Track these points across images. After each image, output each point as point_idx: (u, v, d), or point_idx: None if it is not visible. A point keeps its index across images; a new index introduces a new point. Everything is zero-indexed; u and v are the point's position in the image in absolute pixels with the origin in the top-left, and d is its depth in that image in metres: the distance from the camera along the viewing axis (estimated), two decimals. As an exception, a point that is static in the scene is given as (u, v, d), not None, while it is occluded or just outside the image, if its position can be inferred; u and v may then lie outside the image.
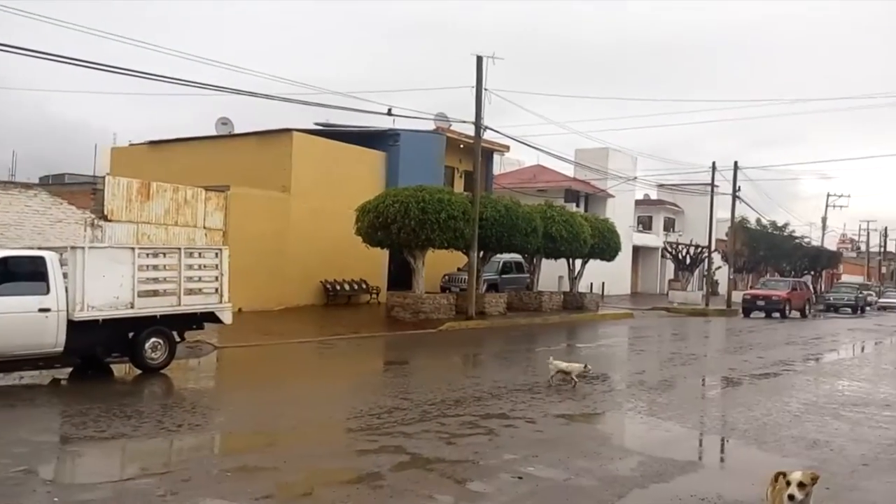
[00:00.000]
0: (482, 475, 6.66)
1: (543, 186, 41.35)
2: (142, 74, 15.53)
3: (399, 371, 13.99)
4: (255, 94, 18.22)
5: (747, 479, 6.51)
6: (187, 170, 23.97)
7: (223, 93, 17.64)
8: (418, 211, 20.97)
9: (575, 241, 27.06)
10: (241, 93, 17.88)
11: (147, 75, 15.61)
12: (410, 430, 8.14)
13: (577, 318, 27.12)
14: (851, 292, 44.45)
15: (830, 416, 9.78)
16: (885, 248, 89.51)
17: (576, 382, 11.34)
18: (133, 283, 11.33)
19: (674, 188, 49.86)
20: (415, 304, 21.96)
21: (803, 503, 4.38)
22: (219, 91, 17.35)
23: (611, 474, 6.77)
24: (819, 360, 17.33)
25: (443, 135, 29.23)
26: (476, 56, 22.23)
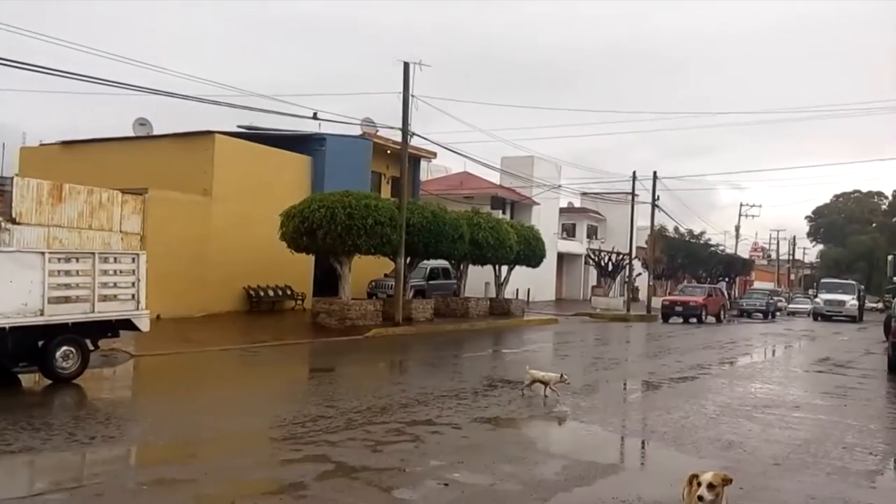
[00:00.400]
0: (408, 482, 6.62)
1: (470, 193, 41.66)
2: (54, 72, 14.84)
3: (324, 379, 13.80)
4: (174, 94, 17.73)
5: (666, 480, 6.67)
6: (103, 171, 23.13)
7: (141, 93, 17.07)
8: (345, 216, 20.79)
9: (501, 247, 27.34)
10: (159, 93, 17.36)
11: (60, 73, 14.92)
12: (335, 439, 8.03)
13: (504, 323, 27.38)
14: (763, 298, 46.45)
15: (744, 418, 10.15)
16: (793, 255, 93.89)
17: (547, 392, 11.18)
18: (43, 289, 10.80)
19: (596, 196, 51.07)
20: (341, 310, 21.74)
21: (714, 503, 4.51)
22: (136, 91, 16.79)
23: (535, 479, 6.83)
24: (733, 363, 17.98)
25: (369, 140, 29.11)
26: (403, 62, 22.24)
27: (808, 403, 11.93)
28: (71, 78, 15.18)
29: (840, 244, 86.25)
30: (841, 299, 43.38)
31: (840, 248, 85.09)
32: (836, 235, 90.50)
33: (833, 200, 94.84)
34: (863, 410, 11.42)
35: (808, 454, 8.16)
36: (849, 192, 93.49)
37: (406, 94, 22.35)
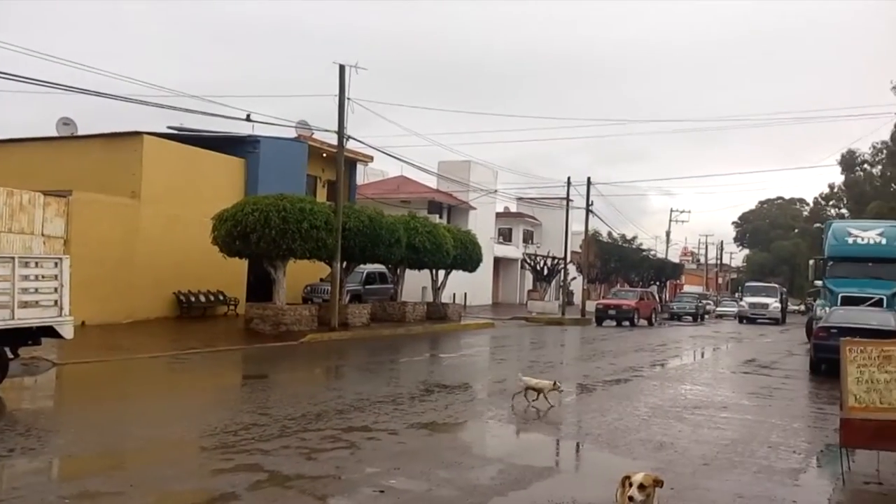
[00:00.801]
0: (343, 490, 6.53)
1: (407, 197, 41.62)
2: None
3: (258, 385, 13.51)
4: (100, 93, 17.14)
5: (600, 481, 6.75)
6: (24, 173, 22.26)
7: (66, 91, 16.44)
8: (279, 220, 20.46)
9: (438, 252, 27.35)
10: (85, 92, 16.75)
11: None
12: (269, 447, 7.85)
13: (441, 328, 27.40)
14: (692, 301, 47.80)
15: (675, 419, 10.38)
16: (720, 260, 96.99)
17: (538, 398, 10.98)
18: (-43, 295, 10.27)
19: (532, 201, 51.69)
20: (275, 315, 21.37)
21: (645, 503, 4.58)
22: (59, 89, 16.16)
23: (471, 483, 6.82)
24: (664, 365, 18.40)
25: (305, 143, 28.76)
26: (339, 65, 22.07)
27: (735, 404, 12.29)
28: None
29: (765, 249, 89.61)
30: (765, 302, 44.56)
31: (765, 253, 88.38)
32: (761, 240, 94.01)
33: (758, 207, 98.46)
34: (786, 410, 11.82)
35: (736, 454, 8.39)
36: (773, 199, 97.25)
37: (342, 96, 22.18)
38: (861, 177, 53.76)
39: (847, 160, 53.84)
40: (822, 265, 24.84)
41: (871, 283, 22.64)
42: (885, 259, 23.74)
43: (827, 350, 14.25)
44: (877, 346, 7.55)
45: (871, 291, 22.09)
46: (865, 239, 24.48)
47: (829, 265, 24.43)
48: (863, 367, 7.38)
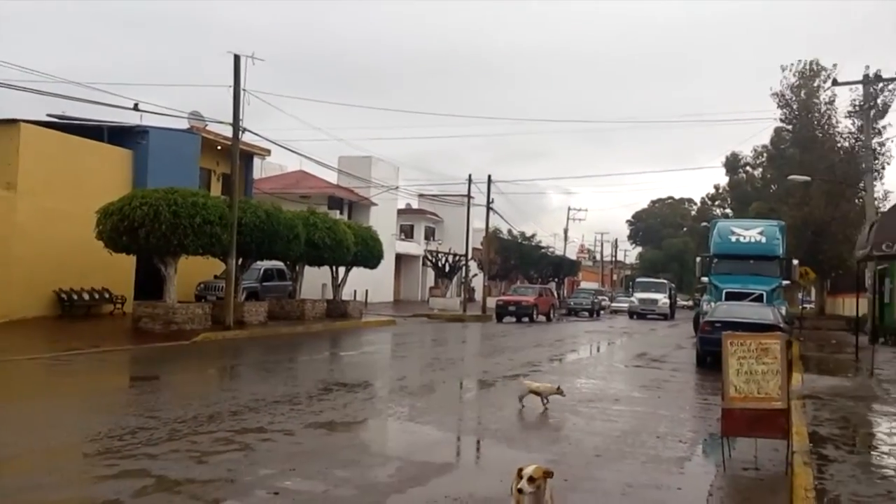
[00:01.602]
0: (236, 494, 6.30)
1: (306, 192, 40.97)
2: None
3: (146, 388, 12.92)
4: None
5: (497, 476, 6.81)
6: None
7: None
8: (170, 214, 19.69)
9: (338, 248, 27.06)
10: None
11: None
12: (157, 451, 7.50)
13: (341, 325, 27.10)
14: (589, 297, 49.22)
15: (570, 413, 10.61)
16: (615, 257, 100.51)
17: (546, 403, 10.67)
18: None
19: (434, 198, 51.94)
20: (166, 314, 20.54)
21: (535, 496, 4.63)
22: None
23: (369, 482, 6.73)
24: (562, 360, 18.84)
25: (198, 134, 27.77)
26: (234, 55, 21.43)
27: (627, 396, 12.70)
28: None
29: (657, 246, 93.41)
30: (654, 298, 45.93)
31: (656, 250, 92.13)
32: (652, 238, 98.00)
33: (650, 206, 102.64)
34: (674, 401, 12.32)
35: (626, 444, 8.65)
36: (664, 199, 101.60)
37: (237, 87, 21.56)
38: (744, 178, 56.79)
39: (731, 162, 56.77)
40: (708, 262, 26.14)
41: (752, 280, 23.98)
42: (765, 256, 25.21)
43: (711, 343, 14.94)
44: (755, 339, 7.95)
45: (752, 287, 23.39)
46: (747, 237, 25.92)
47: (715, 262, 25.73)
48: (742, 360, 7.75)
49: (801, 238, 38.28)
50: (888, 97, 34.80)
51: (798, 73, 41.37)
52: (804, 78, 41.25)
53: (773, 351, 7.75)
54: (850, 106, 35.65)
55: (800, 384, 13.39)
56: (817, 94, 40.76)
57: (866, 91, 29.37)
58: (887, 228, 12.99)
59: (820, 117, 40.90)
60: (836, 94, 39.79)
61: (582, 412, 10.72)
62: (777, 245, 25.71)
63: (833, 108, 40.17)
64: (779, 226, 27.16)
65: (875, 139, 32.15)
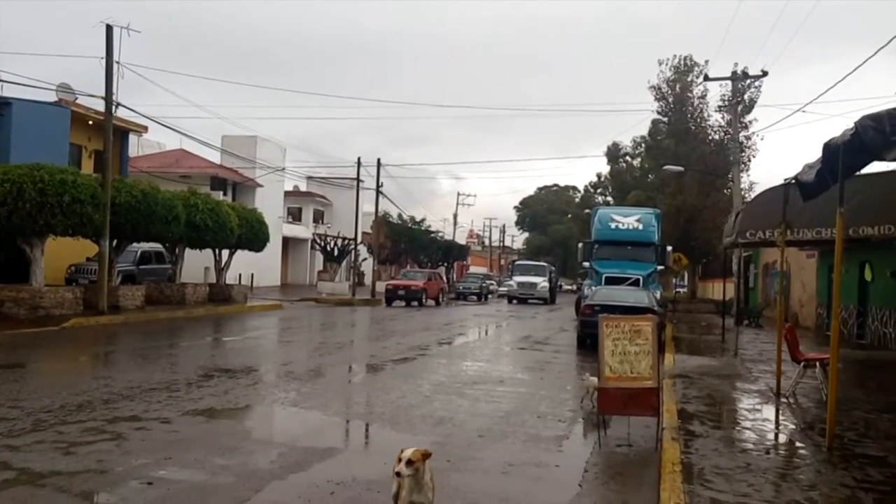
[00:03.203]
0: (106, 485, 6.01)
1: (187, 172, 39.41)
2: None
3: (9, 376, 12.06)
4: None
5: (381, 459, 6.82)
6: None
7: None
8: (35, 192, 18.49)
9: (221, 230, 26.26)
10: None
11: None
12: (19, 443, 7.05)
13: (225, 310, 26.33)
14: (477, 282, 49.91)
15: (455, 395, 10.76)
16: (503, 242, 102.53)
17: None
18: None
19: (322, 181, 51.23)
20: (32, 298, 19.31)
21: (415, 478, 4.68)
22: None
23: (249, 469, 6.59)
24: (450, 343, 19.05)
25: (67, 108, 26.09)
26: (105, 24, 20.27)
27: (511, 378, 13.01)
28: None
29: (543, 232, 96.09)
30: (533, 281, 44.12)
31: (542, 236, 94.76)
32: (539, 224, 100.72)
33: (537, 192, 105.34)
34: (556, 382, 12.72)
35: (509, 425, 8.87)
36: (549, 186, 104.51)
37: (109, 59, 20.43)
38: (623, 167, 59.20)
39: (612, 152, 59.02)
40: (590, 248, 27.10)
41: (630, 265, 25.07)
42: (641, 243, 26.40)
43: (591, 326, 15.48)
44: (629, 321, 8.32)
45: (630, 272, 24.45)
46: (626, 224, 27.04)
47: (596, 248, 26.70)
48: (617, 341, 8.10)
49: (675, 225, 40.37)
50: (754, 93, 37.12)
51: (673, 67, 43.44)
52: (679, 72, 43.35)
53: (646, 332, 8.14)
54: (720, 100, 37.83)
55: (672, 364, 14.14)
56: (691, 88, 42.96)
57: (734, 87, 31.18)
58: (751, 217, 13.85)
59: (693, 110, 43.15)
60: (707, 89, 42.16)
61: (467, 394, 10.89)
62: (653, 232, 26.97)
63: (705, 103, 42.53)
64: (654, 213, 28.48)
65: (742, 133, 34.20)
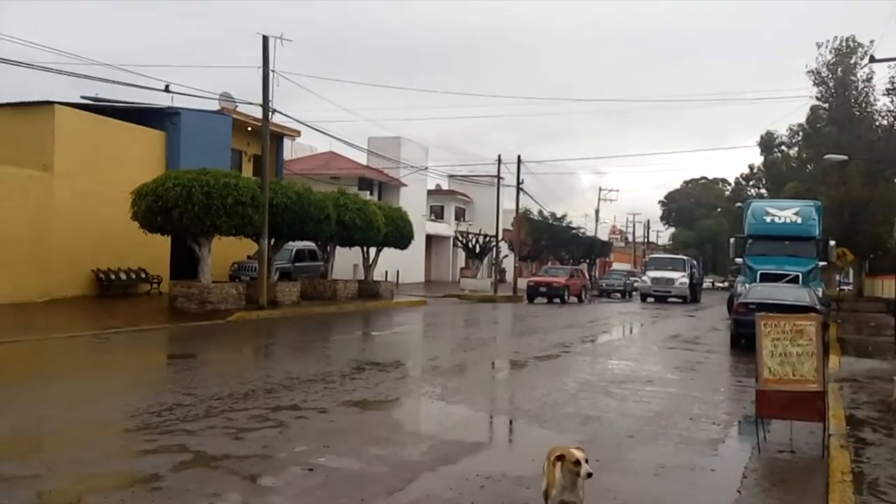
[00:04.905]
0: (271, 469, 6.41)
1: (337, 173, 41.10)
2: None
3: (183, 365, 13.15)
4: (8, 61, 16.22)
5: (529, 455, 6.83)
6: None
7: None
8: (202, 195, 19.90)
9: (369, 229, 27.16)
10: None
11: None
12: (194, 427, 7.65)
13: (373, 305, 27.27)
14: (621, 279, 48.61)
15: (602, 394, 10.59)
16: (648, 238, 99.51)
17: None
18: None
19: (463, 179, 51.85)
20: (201, 293, 20.84)
21: (570, 477, 4.65)
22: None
23: (401, 460, 6.80)
24: (594, 341, 18.77)
25: (228, 116, 27.98)
26: (262, 36, 21.48)
27: (660, 378, 12.63)
28: None
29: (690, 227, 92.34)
30: (669, 277, 39.78)
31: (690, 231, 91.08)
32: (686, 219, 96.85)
33: (683, 186, 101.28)
34: (708, 383, 12.22)
35: (659, 426, 8.61)
36: (697, 179, 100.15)
37: (266, 68, 21.62)
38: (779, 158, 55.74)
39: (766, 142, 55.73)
40: (743, 243, 25.72)
41: (787, 261, 23.58)
42: (800, 237, 24.75)
43: (746, 325, 14.73)
44: (789, 320, 7.83)
45: (787, 268, 23.01)
46: (782, 218, 25.46)
47: (749, 243, 25.32)
48: (777, 341, 7.65)
49: (838, 219, 37.50)
50: (928, 74, 33.76)
51: (834, 49, 40.35)
52: (840, 55, 40.22)
53: (809, 333, 7.64)
54: (889, 83, 34.72)
55: (837, 367, 13.20)
56: (854, 71, 39.75)
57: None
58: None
59: (857, 95, 39.91)
60: (873, 72, 38.77)
61: (614, 393, 10.68)
62: (813, 225, 25.23)
63: (871, 86, 39.16)
64: (815, 206, 26.63)
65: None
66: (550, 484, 4.76)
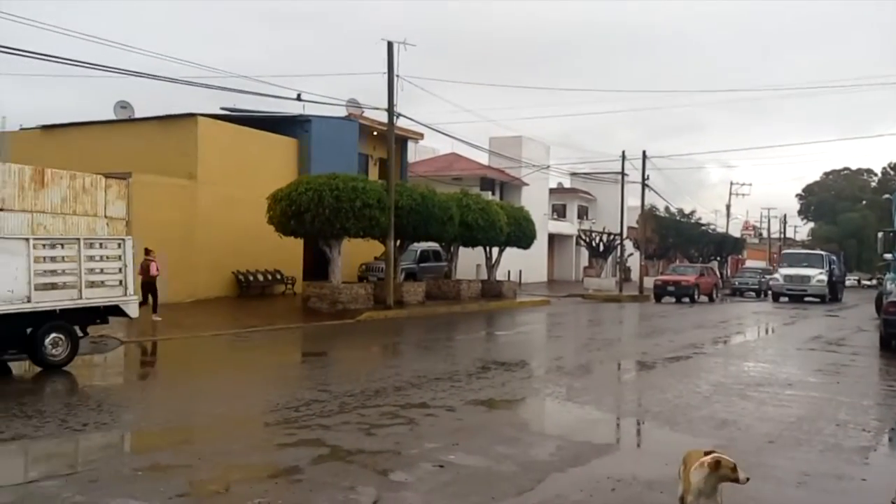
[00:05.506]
0: (403, 465, 6.58)
1: (459, 174, 41.52)
2: (30, 54, 14.37)
3: (317, 363, 13.74)
4: (155, 76, 17.42)
5: (661, 459, 6.66)
6: (85, 156, 22.90)
7: (122, 75, 16.80)
8: (332, 199, 20.65)
9: (491, 229, 27.27)
10: (140, 75, 17.06)
11: (36, 55, 14.47)
12: (329, 423, 7.98)
13: (496, 305, 27.38)
14: (755, 277, 46.15)
15: (737, 397, 10.15)
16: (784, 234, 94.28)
17: None
18: (29, 275, 10.67)
19: (586, 176, 51.00)
20: (332, 294, 21.64)
21: (710, 483, 4.49)
22: (117, 73, 16.52)
23: (530, 459, 6.80)
24: (727, 342, 18.02)
25: (355, 121, 28.91)
26: (387, 42, 22.02)
27: (800, 381, 11.96)
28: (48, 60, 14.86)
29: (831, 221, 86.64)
30: (804, 274, 36.21)
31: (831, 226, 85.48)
32: (826, 213, 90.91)
33: (823, 178, 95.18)
34: (855, 387, 11.45)
35: (802, 431, 8.16)
36: (838, 170, 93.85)
37: (390, 74, 22.15)
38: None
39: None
40: (892, 238, 23.89)
41: (943, 256, 21.72)
42: (958, 230, 22.71)
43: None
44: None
45: (943, 264, 21.20)
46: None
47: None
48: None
49: None
50: None
51: None
52: None
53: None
54: None
55: None
56: None
57: None
58: None
59: None
60: None
61: (751, 396, 10.21)
62: (973, 217, 23.09)
63: None
64: (978, 196, 24.35)
65: None
66: (686, 490, 4.63)
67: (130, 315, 12.26)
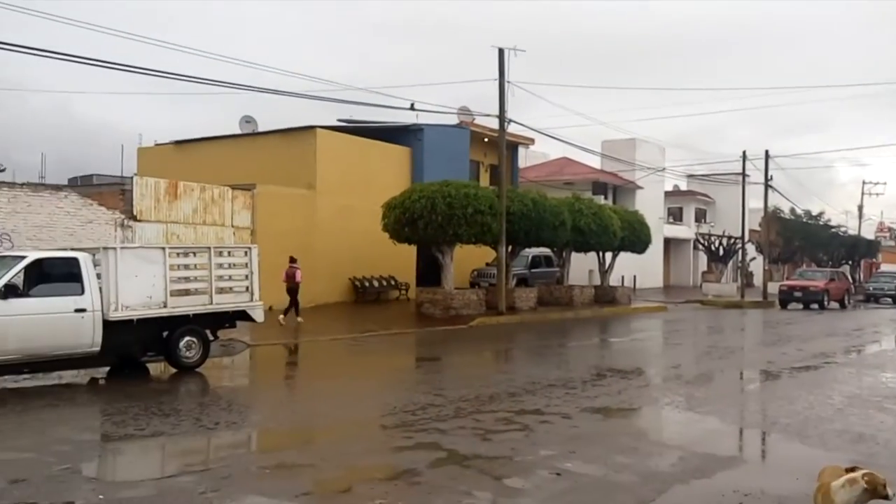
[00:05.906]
0: (519, 471, 6.58)
1: (570, 179, 41.03)
2: (164, 74, 15.44)
3: (431, 367, 13.94)
4: (278, 91, 18.22)
5: (791, 474, 6.36)
6: (213, 169, 24.17)
7: (246, 91, 17.69)
8: (445, 206, 20.89)
9: (604, 234, 26.80)
10: (264, 91, 17.92)
11: (169, 75, 15.52)
12: (445, 427, 8.07)
13: (610, 311, 26.86)
14: (892, 282, 43.02)
15: (875, 409, 9.52)
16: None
17: None
18: (165, 282, 11.41)
19: (704, 178, 49.20)
20: (444, 299, 21.89)
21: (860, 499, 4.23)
22: (242, 89, 17.40)
23: (650, 470, 6.64)
24: (861, 351, 16.94)
25: (466, 129, 29.15)
26: (497, 48, 22.07)
27: (947, 394, 11.07)
28: (179, 79, 15.88)
29: (982, 221, 79.64)
30: None
31: (976, 226, 78.61)
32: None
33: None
34: None
35: (952, 448, 7.56)
36: None
37: (501, 80, 22.19)
38: None
39: None
40: None
41: None
42: None
43: None
44: None
45: None
46: None
47: None
48: None
49: None
50: None
51: None
52: None
53: None
54: None
55: None
56: None
57: None
58: None
59: None
60: None
61: (890, 409, 9.55)
62: None
63: None
64: None
65: None
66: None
67: (256, 320, 12.86)
